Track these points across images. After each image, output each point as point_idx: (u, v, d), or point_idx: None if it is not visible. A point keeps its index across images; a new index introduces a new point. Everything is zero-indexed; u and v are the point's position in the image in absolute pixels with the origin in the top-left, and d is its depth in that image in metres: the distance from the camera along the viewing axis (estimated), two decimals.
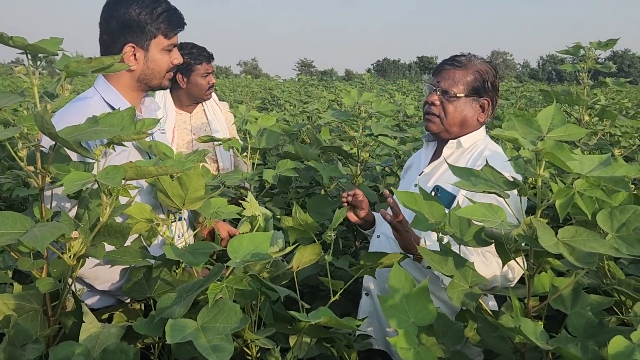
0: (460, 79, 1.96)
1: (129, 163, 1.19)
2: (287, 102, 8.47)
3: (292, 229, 1.78)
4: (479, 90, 1.96)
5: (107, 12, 1.78)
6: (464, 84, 1.95)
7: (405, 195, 1.47)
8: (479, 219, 1.25)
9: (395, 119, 6.11)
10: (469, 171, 1.43)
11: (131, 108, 1.43)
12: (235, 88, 16.24)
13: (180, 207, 1.59)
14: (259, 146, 2.67)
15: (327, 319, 1.20)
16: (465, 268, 1.42)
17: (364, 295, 2.13)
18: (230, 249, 1.26)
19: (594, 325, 1.32)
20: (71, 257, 1.20)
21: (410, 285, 1.31)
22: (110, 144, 1.39)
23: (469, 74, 1.96)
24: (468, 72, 1.96)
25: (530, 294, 1.38)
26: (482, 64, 2.00)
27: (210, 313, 1.14)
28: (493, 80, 1.98)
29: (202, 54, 3.08)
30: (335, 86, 10.52)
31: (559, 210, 1.23)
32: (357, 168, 2.78)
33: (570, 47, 3.01)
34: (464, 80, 1.95)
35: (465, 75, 1.96)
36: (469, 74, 1.96)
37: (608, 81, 2.96)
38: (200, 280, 1.25)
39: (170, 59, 1.81)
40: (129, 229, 1.28)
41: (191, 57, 3.03)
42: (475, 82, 1.96)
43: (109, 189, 1.19)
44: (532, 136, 1.34)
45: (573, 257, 1.20)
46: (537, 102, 12.03)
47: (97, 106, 1.72)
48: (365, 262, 1.72)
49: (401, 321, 1.26)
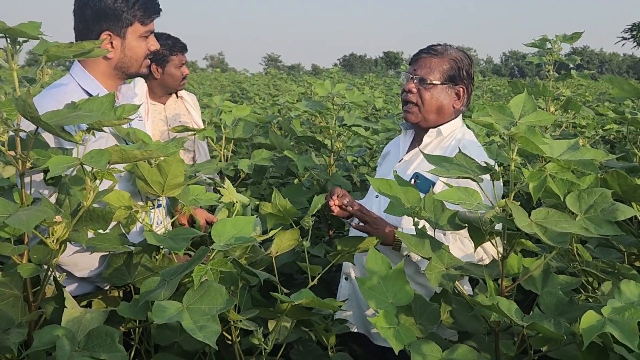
0: (436, 67, 2.01)
1: (114, 147, 1.19)
2: (256, 95, 8.46)
3: (270, 215, 1.80)
4: (455, 78, 2.02)
5: (81, 0, 1.77)
6: (440, 71, 2.00)
7: (380, 183, 1.50)
8: (455, 202, 1.29)
9: (365, 111, 6.17)
10: (443, 158, 1.47)
11: (111, 94, 1.43)
12: (203, 81, 16.12)
13: (159, 194, 1.59)
14: (233, 136, 2.68)
15: (309, 300, 1.23)
16: (441, 251, 1.46)
17: (344, 279, 2.17)
18: (214, 233, 1.28)
19: (565, 303, 1.38)
20: (54, 241, 1.20)
21: (387, 268, 1.34)
22: (91, 130, 1.39)
23: (444, 62, 2.01)
24: (444, 60, 2.02)
25: (504, 274, 1.43)
26: (458, 53, 2.06)
27: (196, 295, 1.16)
28: (468, 69, 2.04)
29: (176, 44, 3.07)
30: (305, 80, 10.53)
31: (533, 192, 1.29)
32: (331, 158, 2.81)
33: (537, 40, 3.09)
34: (440, 68, 2.01)
35: (441, 64, 2.01)
36: (445, 62, 2.01)
37: (573, 73, 3.05)
38: (183, 264, 1.26)
39: (147, 45, 1.81)
40: (111, 213, 1.28)
41: (166, 48, 3.02)
42: (451, 70, 2.01)
43: (94, 172, 1.19)
44: (505, 122, 1.39)
45: (546, 236, 1.25)
46: (501, 96, 12.24)
47: (74, 93, 1.71)
48: (343, 248, 1.76)
49: (380, 302, 1.29)
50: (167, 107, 3.17)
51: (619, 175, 1.52)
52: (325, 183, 2.69)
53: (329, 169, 2.80)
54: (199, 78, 19.10)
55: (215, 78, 17.49)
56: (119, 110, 1.43)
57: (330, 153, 2.79)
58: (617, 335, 1.11)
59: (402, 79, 2.11)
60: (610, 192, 1.34)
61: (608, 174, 1.53)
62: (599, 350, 1.29)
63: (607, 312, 1.17)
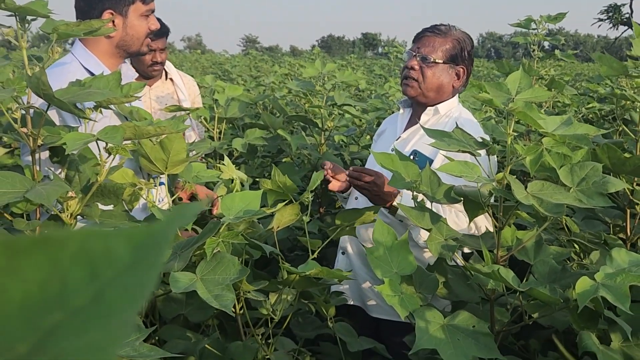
0: (440, 46, 2.05)
1: (128, 123, 1.22)
2: (239, 77, 8.43)
3: (271, 191, 1.84)
4: (456, 58, 2.06)
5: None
6: (443, 51, 2.04)
7: (383, 157, 1.55)
8: (457, 174, 1.35)
9: (349, 91, 6.20)
10: (442, 133, 1.53)
11: (117, 72, 1.45)
12: (183, 63, 15.97)
13: (163, 171, 1.62)
14: (225, 115, 2.70)
15: (318, 270, 1.27)
16: (440, 223, 1.52)
17: (340, 254, 2.22)
18: (223, 207, 1.31)
19: (557, 271, 1.45)
20: (69, 216, 1.23)
21: (393, 239, 1.40)
22: (98, 107, 1.42)
23: (447, 41, 2.05)
24: (447, 40, 2.06)
25: (499, 245, 1.49)
26: (461, 33, 2.10)
27: (209, 266, 1.20)
28: (470, 50, 2.09)
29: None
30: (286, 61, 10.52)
31: (530, 165, 1.34)
32: (322, 137, 2.85)
33: (522, 20, 3.15)
34: (442, 47, 2.05)
35: (444, 43, 2.05)
36: (448, 41, 2.05)
37: (557, 53, 3.12)
38: (193, 237, 1.30)
39: (148, 24, 1.82)
40: (123, 188, 1.31)
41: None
42: (453, 50, 2.05)
43: (108, 148, 1.22)
44: (502, 98, 1.44)
45: (542, 207, 1.32)
46: (481, 77, 12.35)
47: (77, 72, 1.72)
48: (342, 222, 1.80)
49: (385, 271, 1.35)
50: (153, 89, 3.14)
51: (609, 148, 1.59)
52: (316, 162, 2.74)
53: (319, 148, 2.83)
54: (179, 60, 18.93)
55: (196, 60, 17.33)
56: (126, 87, 1.46)
57: (321, 132, 2.83)
58: (610, 298, 1.18)
59: (405, 56, 2.16)
60: (601, 165, 1.40)
61: (598, 148, 1.60)
62: (590, 315, 1.36)
63: (600, 278, 1.23)
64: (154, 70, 3.03)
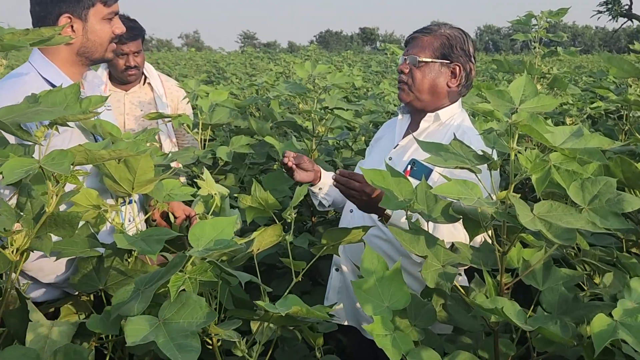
0: (428, 45, 1.93)
1: (78, 147, 1.07)
2: (233, 75, 8.26)
3: (250, 208, 1.69)
4: (448, 55, 1.92)
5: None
6: (431, 49, 1.92)
7: (373, 173, 1.40)
8: (455, 197, 1.20)
9: (344, 90, 6.03)
10: (439, 146, 1.38)
11: (75, 85, 1.31)
12: (178, 61, 15.76)
13: (129, 192, 1.47)
14: (210, 122, 2.55)
15: (297, 309, 1.12)
16: (436, 247, 1.37)
17: (334, 270, 2.07)
18: (192, 237, 1.16)
19: (569, 300, 1.30)
20: (14, 252, 1.08)
21: (384, 268, 1.25)
22: (54, 125, 1.27)
23: (436, 39, 1.93)
24: (436, 37, 1.94)
25: (503, 271, 1.34)
26: (451, 30, 1.96)
27: (173, 308, 1.05)
28: (462, 45, 1.94)
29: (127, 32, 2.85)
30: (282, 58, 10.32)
31: (536, 185, 1.19)
32: (313, 142, 2.70)
33: (522, 17, 3.00)
34: (431, 46, 1.93)
35: (433, 41, 1.93)
36: (436, 39, 1.93)
37: (559, 50, 2.97)
38: (159, 271, 1.15)
39: (111, 28, 1.66)
40: (78, 218, 1.16)
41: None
42: (443, 47, 1.92)
43: (56, 176, 1.07)
44: (504, 108, 1.29)
45: (551, 233, 1.16)
46: (479, 72, 12.20)
47: (34, 83, 1.57)
48: (328, 241, 1.65)
49: (376, 306, 1.20)
50: (130, 94, 2.99)
51: (622, 161, 1.44)
52: None
53: (311, 154, 2.68)
54: (175, 58, 18.71)
55: (190, 58, 17.14)
56: (85, 102, 1.31)
57: (312, 137, 2.68)
58: (631, 341, 1.04)
59: (399, 61, 2.03)
60: (614, 180, 1.25)
61: (611, 161, 1.45)
62: (606, 350, 1.22)
63: (618, 315, 1.09)
64: (129, 75, 2.87)
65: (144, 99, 2.97)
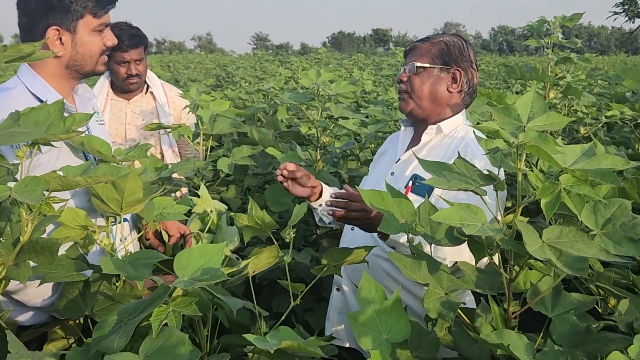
0: (426, 52, 1.90)
1: (52, 173, 1.00)
2: (242, 79, 8.21)
3: (247, 227, 1.62)
4: (446, 61, 1.88)
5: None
6: (429, 56, 1.89)
7: (372, 194, 1.33)
8: (457, 223, 1.12)
9: (353, 94, 5.96)
10: (442, 166, 1.30)
11: (59, 102, 1.24)
12: (189, 65, 15.76)
13: (117, 212, 1.41)
14: (212, 132, 2.49)
15: (288, 344, 1.05)
16: (439, 273, 1.29)
17: (335, 290, 2.00)
18: (177, 265, 1.09)
19: (581, 332, 1.22)
20: None
21: (382, 298, 1.17)
22: (36, 145, 1.21)
23: (434, 46, 1.90)
24: (434, 45, 1.91)
25: (510, 299, 1.26)
26: (450, 36, 1.94)
27: (155, 344, 0.98)
28: (461, 49, 1.90)
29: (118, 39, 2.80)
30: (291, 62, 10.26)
31: (545, 210, 1.11)
32: (317, 153, 2.63)
33: (534, 22, 2.91)
34: (429, 53, 1.90)
35: (431, 48, 1.90)
36: (435, 46, 1.90)
37: (573, 57, 2.87)
38: (142, 301, 1.09)
39: (102, 40, 1.60)
40: (57, 245, 1.10)
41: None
42: (441, 53, 1.89)
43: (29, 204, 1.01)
44: (511, 127, 1.21)
45: (561, 262, 1.08)
46: (492, 75, 12.06)
47: (21, 98, 1.51)
48: (329, 262, 1.58)
49: (375, 339, 1.12)
50: (132, 104, 2.93)
51: (638, 182, 1.35)
52: None
53: (315, 165, 2.61)
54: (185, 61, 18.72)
55: (200, 61, 17.14)
56: (69, 120, 1.25)
57: (316, 148, 2.60)
58: None
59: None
60: (629, 203, 1.17)
61: (626, 182, 1.36)
62: None
63: (635, 353, 1.00)
64: (130, 83, 2.82)
65: (146, 108, 2.92)
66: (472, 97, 1.94)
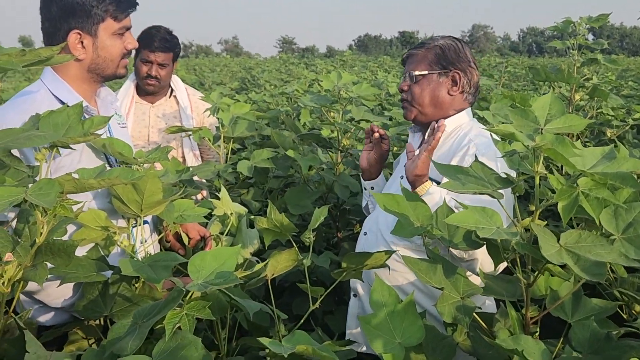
0: (422, 59, 1.91)
1: (66, 176, 1.02)
2: (267, 82, 8.24)
3: (267, 230, 1.62)
4: (444, 65, 1.89)
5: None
6: (426, 62, 1.90)
7: (386, 198, 1.32)
8: (472, 227, 1.11)
9: (378, 97, 5.94)
10: (457, 169, 1.28)
11: (78, 105, 1.27)
12: (215, 68, 15.89)
13: (137, 214, 1.42)
14: (232, 135, 2.50)
15: (303, 348, 1.05)
16: (456, 276, 1.28)
17: (352, 296, 2.00)
18: (192, 268, 1.10)
19: (601, 339, 1.19)
20: (4, 283, 1.04)
21: (395, 301, 1.16)
22: (55, 147, 1.23)
23: (429, 52, 1.91)
24: (429, 50, 1.92)
25: (529, 304, 1.24)
26: (443, 39, 1.94)
27: (168, 347, 0.99)
28: (456, 50, 1.90)
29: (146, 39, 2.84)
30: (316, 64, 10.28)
31: (562, 214, 1.09)
32: (338, 155, 2.62)
33: (559, 23, 2.86)
34: (425, 59, 1.91)
35: (427, 54, 1.91)
36: (430, 51, 1.91)
37: (599, 58, 2.82)
38: (157, 304, 1.10)
39: (123, 44, 1.62)
40: (74, 246, 1.12)
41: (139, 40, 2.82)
42: (437, 57, 1.90)
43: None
44: (528, 129, 1.19)
45: (578, 267, 1.06)
46: (520, 77, 11.90)
47: (44, 101, 1.54)
48: (349, 265, 1.58)
49: (387, 343, 1.12)
50: (156, 107, 2.97)
51: None
52: (331, 183, 2.51)
53: (336, 168, 2.61)
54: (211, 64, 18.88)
55: (225, 65, 17.25)
56: (87, 123, 1.27)
57: (337, 151, 2.60)
58: None
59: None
60: None
61: None
62: None
63: None
64: (147, 84, 2.86)
65: (169, 112, 2.95)
66: (474, 95, 1.96)
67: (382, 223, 1.84)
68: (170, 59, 2.88)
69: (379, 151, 2.01)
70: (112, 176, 1.07)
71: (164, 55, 2.83)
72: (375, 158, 2.02)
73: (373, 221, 1.93)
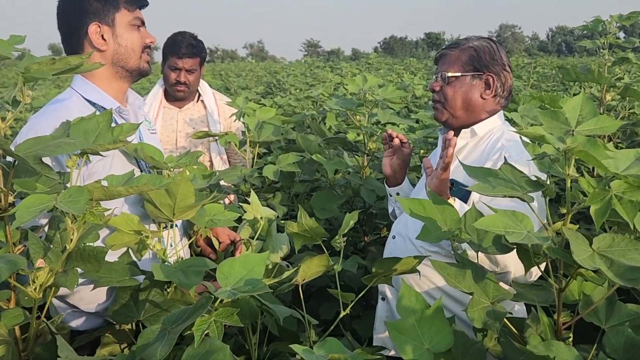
0: (456, 60, 1.87)
1: (95, 183, 1.03)
2: (292, 87, 8.26)
3: (297, 235, 1.62)
4: (477, 67, 1.85)
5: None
6: (460, 64, 1.86)
7: (411, 203, 1.30)
8: (501, 231, 1.09)
9: (404, 100, 5.91)
10: (487, 171, 1.27)
11: (108, 112, 1.29)
12: (240, 72, 16.00)
13: (170, 218, 1.44)
14: (258, 139, 2.51)
15: (336, 357, 1.04)
16: (485, 281, 1.26)
17: (380, 300, 1.99)
18: (220, 275, 1.11)
19: (636, 345, 1.16)
20: (36, 289, 1.06)
21: (423, 306, 1.15)
22: (84, 154, 1.25)
23: (463, 53, 1.87)
24: (463, 51, 1.88)
25: (561, 309, 1.22)
26: (479, 41, 1.90)
27: (196, 353, 0.99)
28: (491, 53, 1.86)
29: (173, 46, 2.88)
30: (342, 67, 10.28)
31: (595, 218, 1.07)
32: (364, 159, 2.62)
33: (589, 22, 2.81)
34: (459, 60, 1.87)
35: (460, 55, 1.87)
36: (464, 53, 1.87)
37: (630, 57, 2.77)
38: (186, 309, 1.10)
39: (140, 35, 1.68)
40: (103, 252, 1.13)
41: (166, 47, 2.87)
42: (471, 59, 1.86)
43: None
44: (559, 131, 1.17)
45: (612, 271, 1.04)
46: (549, 77, 11.74)
47: (76, 107, 1.57)
48: (378, 270, 1.57)
49: (415, 349, 1.10)
50: (184, 111, 3.01)
51: None
52: (357, 187, 2.50)
53: (362, 172, 2.60)
54: (237, 69, 19.01)
55: (252, 69, 17.36)
56: (116, 130, 1.28)
57: (363, 154, 2.59)
58: None
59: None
60: None
61: None
62: None
63: None
64: (176, 90, 2.89)
65: (197, 117, 2.98)
66: (507, 99, 1.93)
67: (411, 228, 1.83)
68: (198, 64, 2.91)
69: (401, 156, 1.99)
70: (140, 183, 1.09)
71: (192, 60, 2.86)
72: (398, 164, 2.00)
73: (402, 225, 1.92)
